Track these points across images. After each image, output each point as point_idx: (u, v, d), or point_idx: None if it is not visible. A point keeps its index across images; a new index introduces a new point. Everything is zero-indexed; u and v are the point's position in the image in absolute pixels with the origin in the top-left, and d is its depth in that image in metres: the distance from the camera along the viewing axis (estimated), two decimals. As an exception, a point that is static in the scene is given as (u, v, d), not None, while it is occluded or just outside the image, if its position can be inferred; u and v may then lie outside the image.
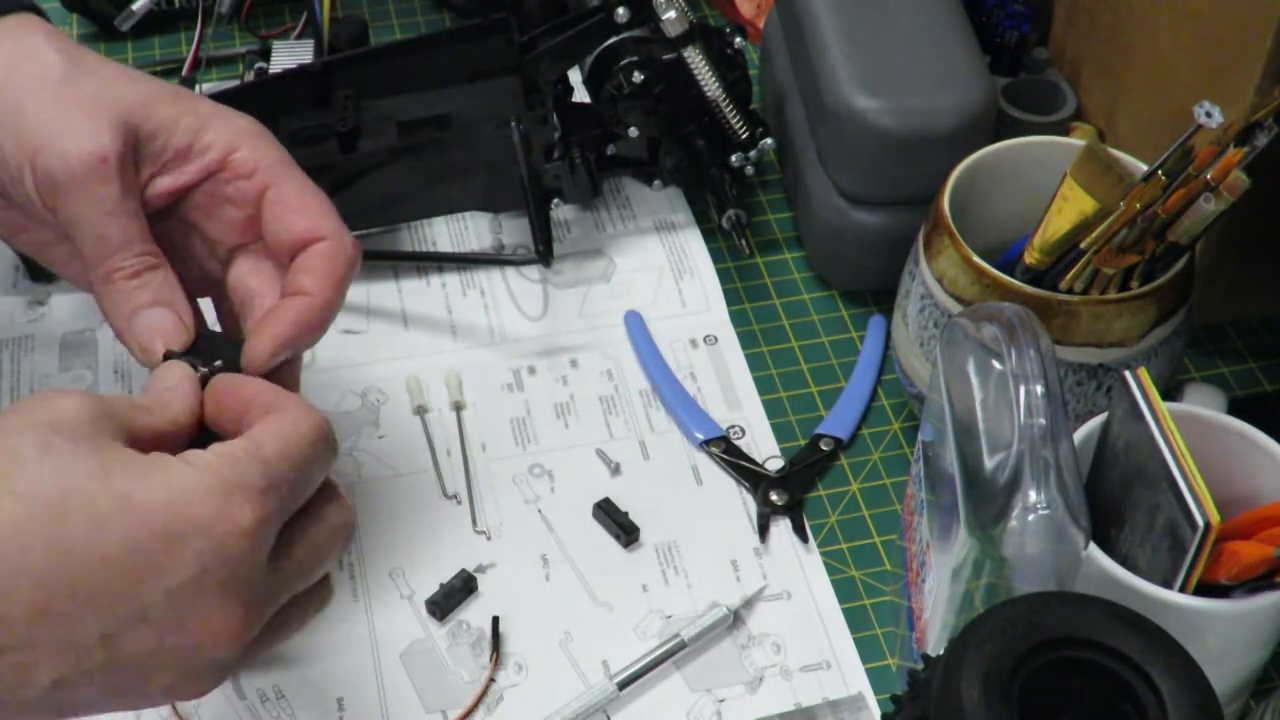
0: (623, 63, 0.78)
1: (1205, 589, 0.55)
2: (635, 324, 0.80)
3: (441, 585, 0.67)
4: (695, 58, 0.77)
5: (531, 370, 0.78)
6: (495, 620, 0.66)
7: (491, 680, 0.64)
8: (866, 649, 0.66)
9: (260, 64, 0.91)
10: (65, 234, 0.58)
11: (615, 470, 0.73)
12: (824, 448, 0.74)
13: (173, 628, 0.46)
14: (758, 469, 0.73)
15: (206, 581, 0.46)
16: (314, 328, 0.57)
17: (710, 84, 0.78)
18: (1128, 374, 0.58)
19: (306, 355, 0.61)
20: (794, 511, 0.71)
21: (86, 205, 0.56)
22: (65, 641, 0.45)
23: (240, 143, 0.59)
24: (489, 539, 0.70)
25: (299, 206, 0.59)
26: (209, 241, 0.61)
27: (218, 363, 0.56)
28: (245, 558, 0.47)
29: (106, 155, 0.56)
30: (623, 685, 0.64)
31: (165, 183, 0.59)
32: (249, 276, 0.60)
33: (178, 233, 0.61)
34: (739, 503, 0.72)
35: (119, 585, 0.45)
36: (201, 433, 0.53)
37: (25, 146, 0.56)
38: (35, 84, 0.57)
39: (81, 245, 0.57)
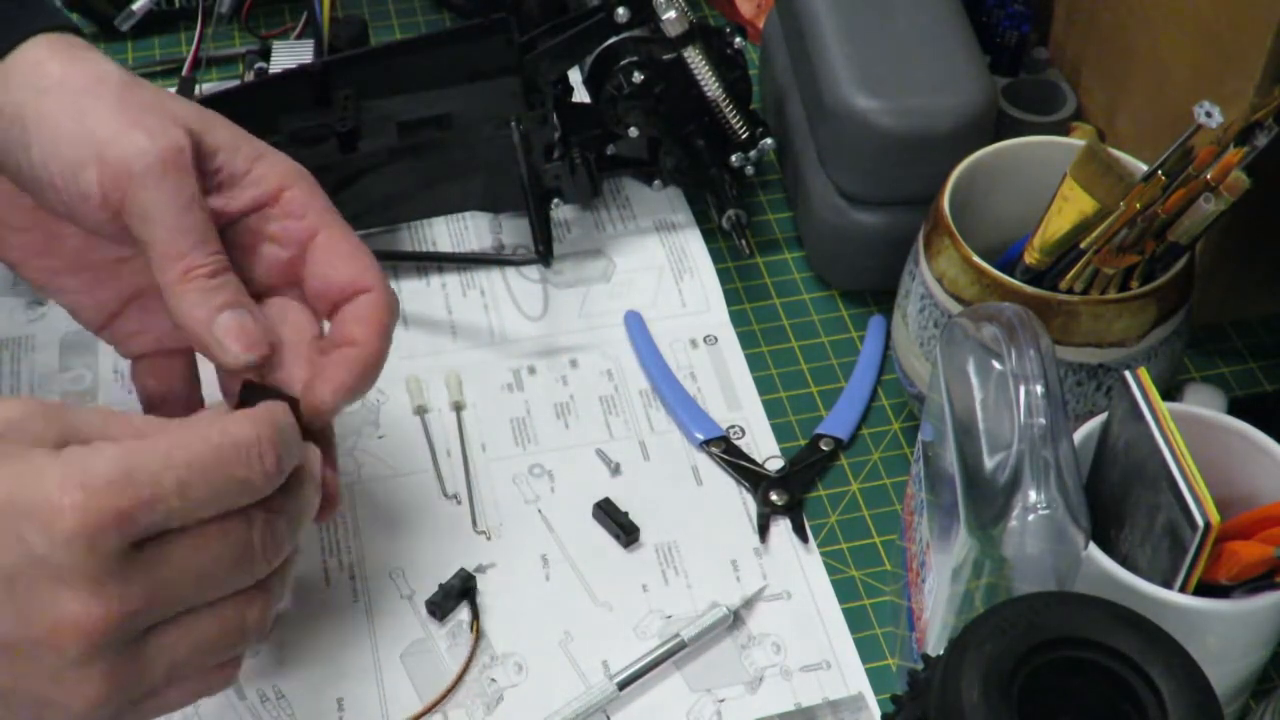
0: (623, 63, 0.78)
1: (1205, 589, 0.55)
2: (635, 324, 0.80)
3: (441, 585, 0.67)
4: (695, 58, 0.77)
5: (531, 370, 0.78)
6: (472, 599, 0.66)
7: (471, 656, 0.64)
8: (866, 649, 0.66)
9: (260, 64, 0.91)
10: (80, 263, 0.58)
11: (615, 470, 0.73)
12: (824, 448, 0.74)
13: (18, 621, 0.44)
14: (758, 469, 0.73)
15: (39, 569, 0.44)
16: (369, 378, 0.57)
17: (710, 84, 0.78)
18: (1128, 374, 0.58)
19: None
20: (794, 511, 0.71)
21: (164, 195, 0.54)
22: None
23: (293, 182, 0.58)
24: (489, 539, 0.70)
25: (348, 255, 0.58)
26: (245, 280, 0.58)
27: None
28: (71, 546, 0.44)
29: (181, 147, 0.54)
30: (623, 685, 0.64)
31: (218, 203, 0.57)
32: (280, 324, 0.58)
33: None
34: (739, 503, 0.72)
35: None
36: None
37: (89, 141, 0.54)
38: (96, 87, 0.55)
39: (153, 240, 0.54)
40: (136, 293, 0.61)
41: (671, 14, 0.75)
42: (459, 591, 0.67)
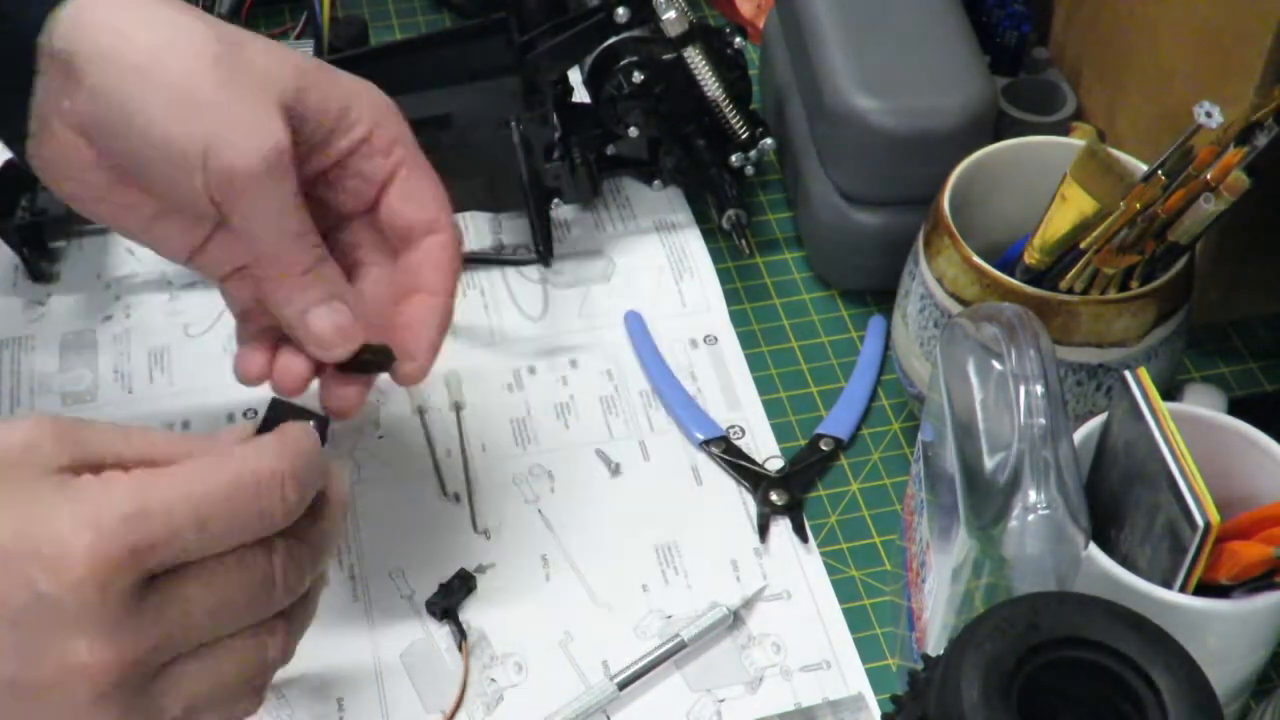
0: (623, 63, 0.78)
1: (1205, 589, 0.55)
2: (635, 324, 0.80)
3: (441, 585, 0.67)
4: (695, 58, 0.77)
5: (531, 370, 0.78)
6: (450, 613, 0.66)
7: (466, 668, 0.64)
8: (866, 649, 0.66)
9: (260, 64, 0.91)
10: (160, 216, 0.57)
11: (615, 470, 0.73)
12: (824, 448, 0.74)
13: (26, 662, 0.42)
14: (758, 469, 0.73)
15: (44, 612, 0.42)
16: (448, 320, 0.61)
17: (710, 84, 0.78)
18: (1128, 374, 0.58)
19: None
20: (794, 511, 0.71)
21: (267, 202, 0.54)
22: None
23: (381, 118, 0.59)
24: (489, 539, 0.70)
25: (427, 193, 0.61)
26: (323, 208, 0.60)
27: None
28: (80, 589, 0.42)
29: (283, 148, 0.54)
30: (623, 685, 0.64)
31: (316, 162, 0.58)
32: (356, 249, 0.61)
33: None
34: (739, 503, 0.72)
35: None
36: None
37: (196, 138, 0.53)
38: (195, 64, 0.54)
39: (257, 241, 0.55)
40: (219, 224, 0.60)
41: (671, 14, 0.75)
42: (460, 591, 0.67)
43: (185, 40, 0.54)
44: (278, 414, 0.50)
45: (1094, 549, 0.55)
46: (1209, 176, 0.59)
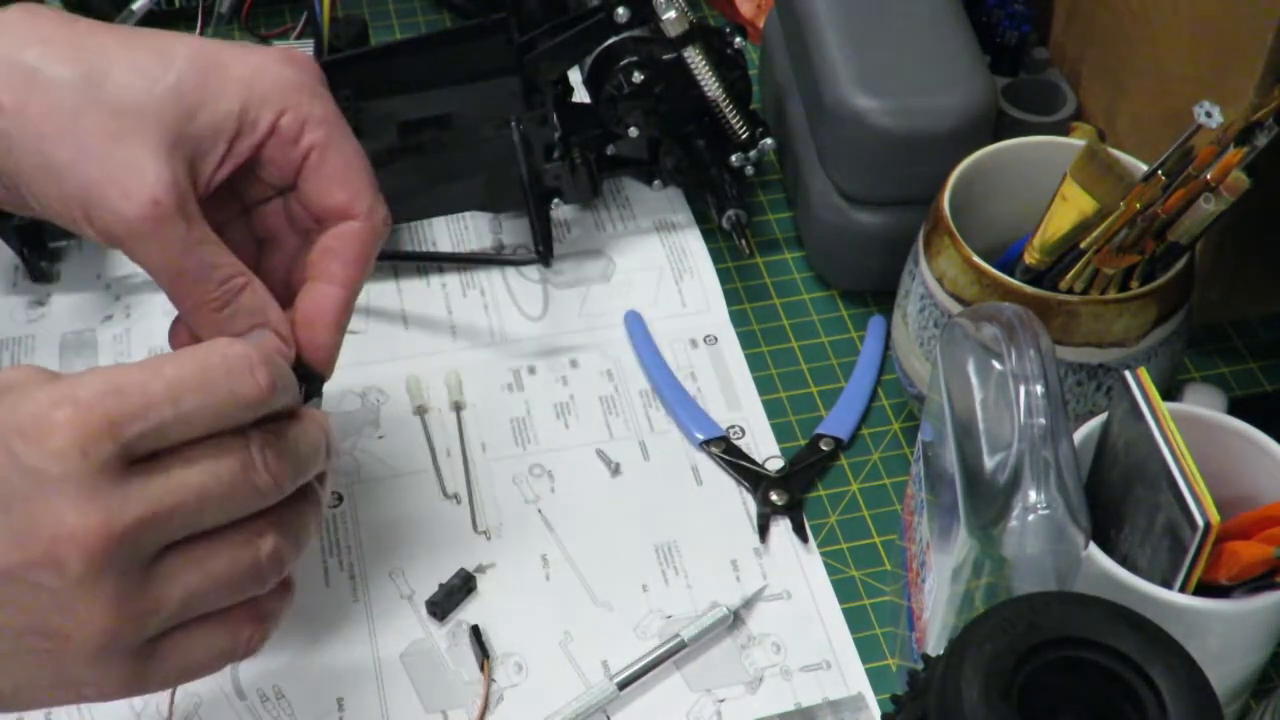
0: (623, 63, 0.78)
1: (1205, 589, 0.55)
2: (635, 324, 0.80)
3: (441, 585, 0.67)
4: (695, 58, 0.77)
5: (531, 370, 0.78)
6: (475, 629, 0.66)
7: (492, 680, 0.64)
8: (866, 649, 0.66)
9: (260, 64, 0.91)
10: None
11: (615, 470, 0.73)
12: (824, 448, 0.74)
13: (10, 538, 0.44)
14: (758, 469, 0.73)
15: (37, 485, 0.44)
16: (346, 314, 0.58)
17: (710, 84, 0.78)
18: (1128, 374, 0.58)
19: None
20: (794, 511, 0.71)
21: (155, 253, 0.53)
22: None
23: (286, 102, 0.56)
24: (489, 539, 0.70)
25: (338, 178, 0.57)
26: (244, 191, 0.59)
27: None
28: (62, 461, 0.43)
29: (159, 199, 0.52)
30: (623, 685, 0.64)
31: (221, 175, 0.56)
32: (275, 223, 0.60)
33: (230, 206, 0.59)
34: (739, 503, 0.72)
35: None
36: None
37: (71, 201, 0.52)
38: (55, 123, 0.52)
39: (161, 286, 0.55)
40: None
41: (671, 14, 0.75)
42: (460, 591, 0.67)
43: (40, 94, 0.52)
44: None
45: (1094, 549, 0.55)
46: (1209, 176, 0.59)
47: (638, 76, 0.79)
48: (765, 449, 0.74)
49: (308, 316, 0.57)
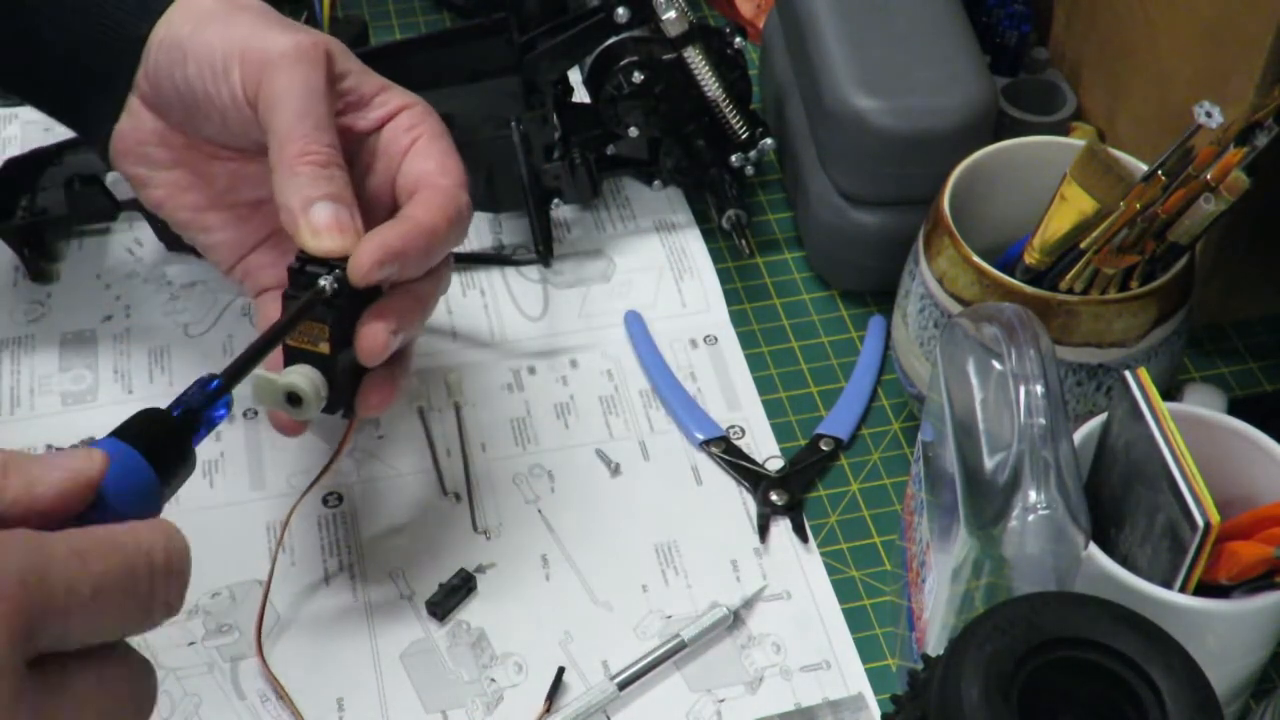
0: (623, 63, 0.78)
1: (1205, 589, 0.55)
2: (635, 324, 0.80)
3: (441, 585, 0.67)
4: (695, 58, 0.77)
5: (531, 370, 0.78)
6: (560, 670, 0.64)
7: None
8: (866, 649, 0.66)
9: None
10: (222, 202, 0.64)
11: (615, 470, 0.73)
12: (824, 448, 0.74)
13: None
14: (758, 469, 0.73)
15: None
16: (419, 252, 0.59)
17: (710, 84, 0.78)
18: (1128, 374, 0.58)
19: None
20: (794, 511, 0.71)
21: (295, 80, 0.58)
22: None
23: (411, 104, 0.64)
24: (489, 539, 0.70)
25: (436, 155, 0.62)
26: (358, 194, 0.62)
27: (335, 275, 0.57)
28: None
29: (318, 44, 0.60)
30: (623, 685, 0.64)
31: (347, 120, 0.62)
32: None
33: None
34: (739, 503, 0.72)
35: None
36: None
37: (234, 45, 0.60)
38: (242, 11, 0.62)
39: (277, 124, 0.58)
40: (270, 233, 0.66)
41: (671, 14, 0.75)
42: (460, 591, 0.67)
43: (208, 23, 0.61)
44: (305, 266, 0.57)
45: (1094, 549, 0.55)
46: (1209, 176, 0.59)
47: (638, 76, 0.79)
48: (765, 449, 0.74)
49: (370, 232, 0.59)
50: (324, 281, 0.56)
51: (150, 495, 0.46)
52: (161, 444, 0.47)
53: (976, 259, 0.64)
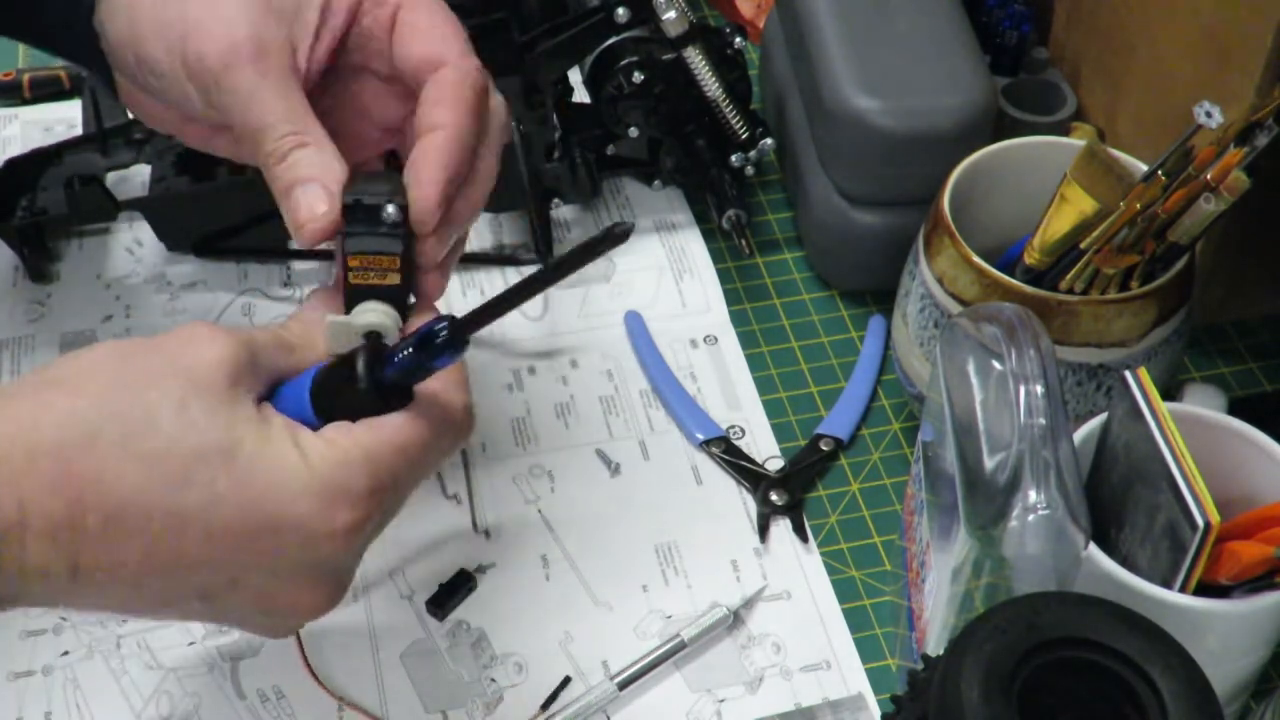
0: (623, 63, 0.78)
1: (1205, 589, 0.55)
2: (635, 324, 0.80)
3: (441, 585, 0.67)
4: (695, 58, 0.77)
5: (531, 370, 0.78)
6: (566, 680, 0.65)
7: None
8: (866, 649, 0.66)
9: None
10: (221, 125, 0.59)
11: (615, 470, 0.73)
12: (824, 448, 0.74)
13: (263, 598, 0.49)
14: (758, 469, 0.73)
15: (298, 570, 0.49)
16: (461, 160, 0.56)
17: (710, 84, 0.78)
18: (1128, 374, 0.58)
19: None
20: (794, 511, 0.71)
21: (238, 86, 0.56)
22: (168, 590, 0.48)
23: None
24: (489, 539, 0.70)
25: (426, 32, 0.58)
26: (342, 63, 0.60)
27: (396, 203, 0.54)
28: (334, 555, 0.49)
29: (255, 35, 0.56)
30: (623, 685, 0.64)
31: (323, 48, 0.58)
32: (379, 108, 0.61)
33: (350, 91, 0.61)
34: (739, 503, 0.72)
35: (221, 557, 0.47)
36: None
37: (176, 24, 0.57)
38: None
39: (235, 130, 0.57)
40: None
41: (671, 14, 0.75)
42: (460, 591, 0.67)
43: None
44: (356, 197, 0.55)
45: (1094, 549, 0.55)
46: (1209, 176, 0.59)
47: (638, 76, 0.79)
48: (765, 449, 0.74)
49: (413, 165, 0.56)
50: (391, 208, 0.54)
51: None
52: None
53: (977, 259, 0.64)
